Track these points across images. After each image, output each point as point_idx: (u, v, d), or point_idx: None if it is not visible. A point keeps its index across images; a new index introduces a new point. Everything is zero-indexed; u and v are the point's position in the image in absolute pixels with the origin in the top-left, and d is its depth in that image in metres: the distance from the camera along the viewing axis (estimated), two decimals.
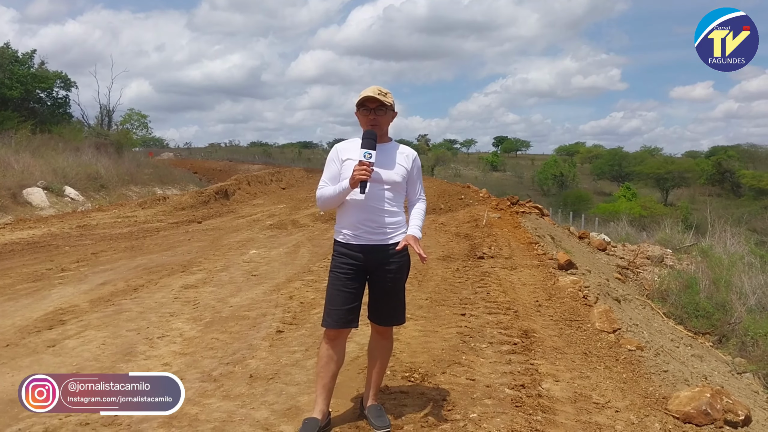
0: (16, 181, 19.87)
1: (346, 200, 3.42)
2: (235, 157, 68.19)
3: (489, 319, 5.57)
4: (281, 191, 25.80)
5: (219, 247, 10.56)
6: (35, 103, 35.71)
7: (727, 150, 71.14)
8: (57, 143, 28.53)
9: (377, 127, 3.40)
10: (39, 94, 35.67)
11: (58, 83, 36.51)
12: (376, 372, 3.60)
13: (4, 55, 33.14)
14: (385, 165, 3.40)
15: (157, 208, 17.96)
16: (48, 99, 36.77)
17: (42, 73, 35.20)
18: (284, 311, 5.98)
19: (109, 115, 41.04)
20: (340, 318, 3.43)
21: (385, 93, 3.42)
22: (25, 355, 4.81)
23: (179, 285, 7.31)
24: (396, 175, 3.42)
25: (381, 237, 3.43)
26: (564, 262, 8.38)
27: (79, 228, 14.26)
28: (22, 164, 21.89)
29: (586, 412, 3.76)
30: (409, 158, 3.51)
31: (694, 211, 42.48)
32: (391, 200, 3.43)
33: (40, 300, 6.74)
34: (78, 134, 34.21)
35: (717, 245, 17.07)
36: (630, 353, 5.08)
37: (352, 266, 3.44)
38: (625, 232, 25.00)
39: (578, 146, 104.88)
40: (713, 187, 64.15)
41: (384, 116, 3.43)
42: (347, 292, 3.44)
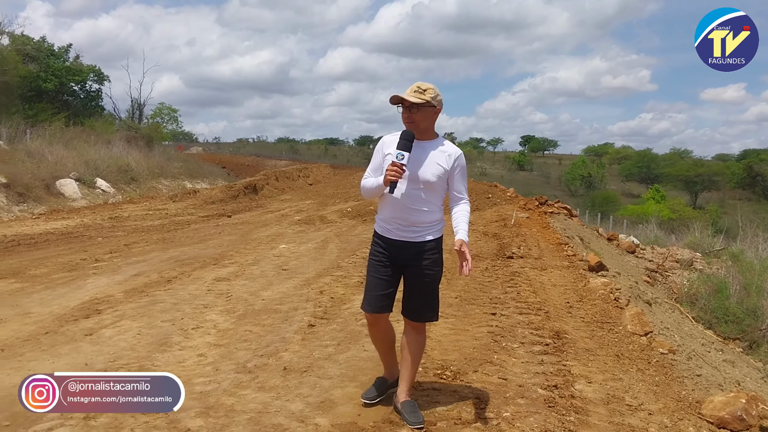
0: (50, 172, 20.23)
1: (383, 195, 3.48)
2: (262, 153, 68.70)
3: (520, 319, 5.57)
4: (308, 187, 25.93)
5: (249, 241, 10.67)
6: (69, 96, 36.39)
7: (759, 153, 69.87)
8: (89, 136, 29.01)
9: (413, 125, 3.42)
10: (73, 87, 36.36)
11: (92, 77, 37.19)
12: (409, 367, 3.62)
13: (41, 49, 33.76)
14: (421, 164, 3.42)
15: (187, 202, 18.17)
16: (81, 92, 37.47)
17: (76, 67, 35.86)
18: (315, 306, 6.04)
19: (140, 108, 41.70)
20: (375, 303, 3.58)
21: (423, 90, 3.40)
22: (63, 342, 4.92)
23: (212, 277, 7.41)
24: (431, 175, 3.41)
25: (412, 234, 3.48)
26: (595, 263, 8.33)
27: (111, 219, 14.50)
28: (56, 156, 22.28)
29: (619, 414, 3.76)
30: (451, 157, 3.47)
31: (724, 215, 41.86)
32: (426, 200, 3.44)
33: (76, 289, 6.89)
34: (109, 127, 34.74)
35: (748, 250, 16.80)
36: (662, 356, 5.04)
37: (386, 256, 3.56)
38: (653, 234, 24.74)
39: (607, 147, 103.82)
40: (743, 190, 63.05)
41: (418, 114, 3.40)
42: (381, 279, 3.58)
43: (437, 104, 3.45)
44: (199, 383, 4.04)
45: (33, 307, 6.08)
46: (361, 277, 7.47)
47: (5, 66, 29.10)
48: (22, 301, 6.31)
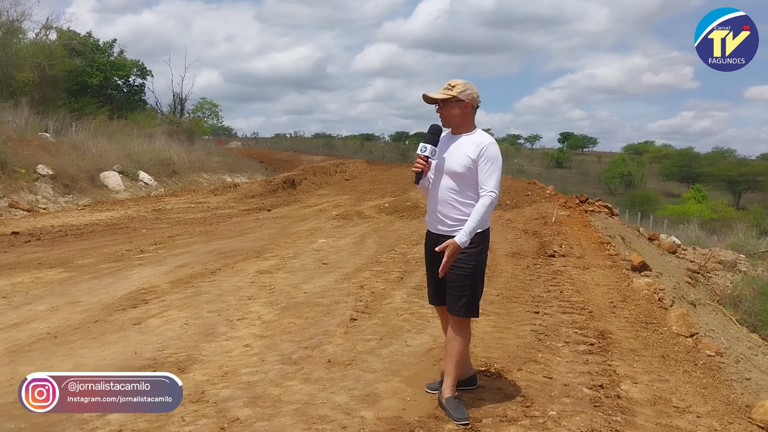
0: (94, 164, 20.70)
1: (426, 189, 3.66)
2: (299, 148, 69.09)
3: (563, 318, 5.52)
4: (345, 182, 26.03)
5: (288, 235, 10.78)
6: (113, 90, 37.09)
7: None
8: (132, 129, 29.59)
9: (445, 121, 3.56)
10: (117, 82, 37.03)
11: (135, 71, 37.85)
12: (451, 363, 3.61)
13: (86, 44, 34.48)
14: (450, 155, 3.52)
15: (228, 195, 18.42)
16: (125, 86, 38.16)
17: (120, 62, 36.53)
18: (356, 300, 6.08)
19: (182, 103, 42.34)
20: (432, 296, 3.81)
21: (452, 86, 3.50)
22: (112, 331, 5.05)
23: (254, 270, 7.51)
24: (458, 165, 3.47)
25: (446, 228, 3.54)
26: (638, 263, 8.21)
27: (154, 212, 14.78)
28: (100, 148, 22.77)
29: (666, 416, 3.71)
30: (479, 147, 3.46)
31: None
32: (456, 191, 3.49)
33: (123, 279, 7.05)
34: (152, 121, 35.35)
35: None
36: (709, 358, 4.96)
37: (430, 251, 3.66)
38: (695, 235, 24.27)
39: (647, 145, 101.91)
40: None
41: (445, 109, 3.51)
42: (430, 274, 3.73)
43: (465, 98, 3.49)
44: (245, 373, 4.11)
45: (82, 296, 6.25)
46: (400, 272, 7.50)
47: (53, 60, 29.78)
48: (71, 290, 6.49)
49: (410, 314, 5.58)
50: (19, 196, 15.69)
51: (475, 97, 3.54)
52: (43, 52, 29.75)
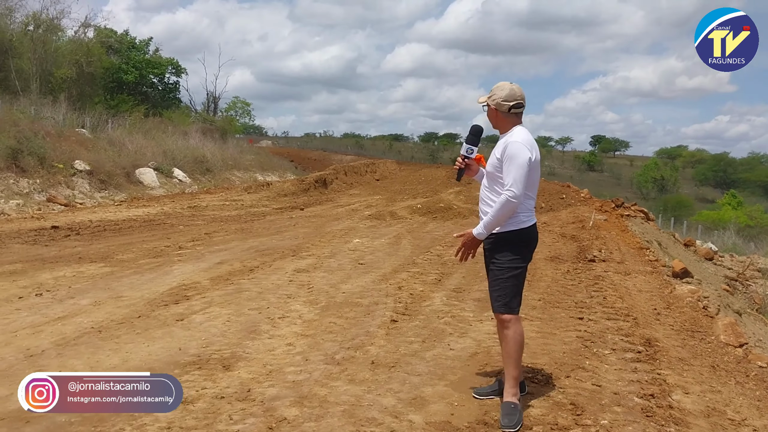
0: (130, 161, 21.00)
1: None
2: (328, 147, 69.42)
3: (609, 324, 5.42)
4: (375, 183, 26.03)
5: (323, 234, 10.79)
6: (148, 88, 37.62)
7: None
8: (167, 127, 29.96)
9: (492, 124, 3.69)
10: (152, 79, 37.55)
11: (170, 69, 38.35)
12: (505, 364, 3.61)
13: (123, 42, 35.03)
14: (490, 156, 3.66)
15: (261, 194, 18.53)
16: (160, 84, 38.68)
17: (156, 59, 37.06)
18: (395, 301, 6.05)
19: (215, 101, 42.81)
20: None
21: (490, 95, 3.64)
22: (156, 327, 5.09)
23: (292, 268, 7.53)
24: (489, 165, 3.66)
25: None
26: (679, 270, 8.06)
27: (190, 209, 14.93)
28: (136, 145, 23.10)
29: (721, 428, 3.61)
30: (504, 144, 3.52)
31: None
32: (490, 190, 3.64)
33: (164, 275, 7.11)
34: (186, 119, 35.81)
35: None
36: (761, 370, 4.83)
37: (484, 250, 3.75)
38: (731, 241, 23.83)
39: (680, 149, 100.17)
40: None
41: (487, 114, 3.67)
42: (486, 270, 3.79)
43: (491, 103, 3.62)
44: (290, 372, 4.10)
45: (124, 290, 6.31)
46: (437, 274, 7.45)
47: (90, 58, 30.32)
48: (113, 285, 6.56)
49: (451, 317, 5.53)
50: (56, 191, 15.97)
51: (500, 102, 3.57)
52: (81, 50, 30.32)
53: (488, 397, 3.75)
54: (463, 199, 17.16)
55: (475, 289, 6.65)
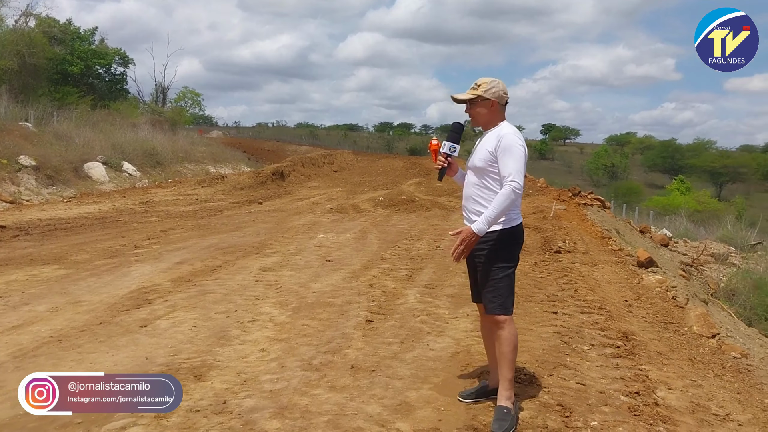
0: (78, 155, 20.30)
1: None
2: (282, 138, 68.57)
3: (584, 318, 5.39)
4: (334, 174, 25.81)
5: (286, 229, 10.56)
6: (94, 79, 36.41)
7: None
8: (115, 119, 29.07)
9: (474, 120, 3.57)
10: (98, 70, 36.36)
11: (117, 60, 37.19)
12: (500, 366, 3.51)
13: (67, 32, 33.78)
14: (475, 151, 3.54)
15: (216, 187, 18.13)
16: (106, 75, 37.49)
17: (102, 50, 35.87)
18: (369, 300, 5.91)
19: (164, 92, 41.73)
20: (473, 294, 3.74)
21: (478, 85, 3.52)
22: (119, 334, 4.84)
23: (257, 267, 7.31)
24: (479, 160, 3.48)
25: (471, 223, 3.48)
26: (644, 259, 8.12)
27: (142, 204, 14.49)
28: (83, 139, 22.33)
29: (707, 425, 3.59)
30: (497, 139, 3.41)
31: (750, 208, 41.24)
32: (482, 186, 3.48)
33: (122, 277, 6.82)
34: (134, 111, 34.81)
35: None
36: (736, 361, 4.87)
37: None
38: (683, 227, 24.36)
39: (629, 136, 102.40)
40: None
41: (472, 109, 3.52)
42: (469, 270, 3.71)
43: (491, 96, 3.48)
44: (267, 381, 3.93)
45: (82, 295, 6.02)
46: (408, 270, 7.34)
47: (32, 48, 29.12)
48: (70, 289, 6.25)
49: (427, 315, 5.42)
50: (1, 188, 15.30)
51: (502, 95, 3.50)
52: (22, 40, 29.08)
53: (474, 400, 3.65)
54: (424, 191, 17.11)
55: (447, 285, 6.56)
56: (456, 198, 16.15)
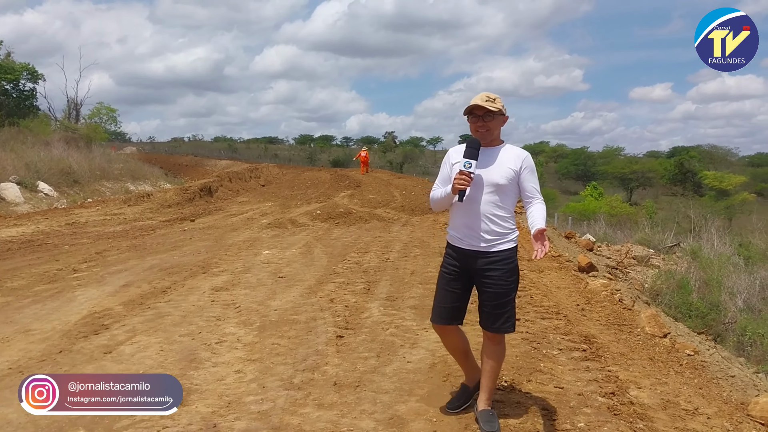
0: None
1: (454, 204, 3.49)
2: (199, 152, 67.09)
3: (545, 324, 5.58)
4: (262, 188, 25.50)
5: (227, 247, 10.38)
6: (1, 96, 34.64)
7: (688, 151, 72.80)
8: (26, 137, 27.78)
9: (487, 134, 3.47)
10: (5, 86, 34.62)
11: (25, 75, 35.50)
12: (488, 377, 3.61)
13: None
14: (490, 168, 3.45)
15: (143, 206, 17.57)
16: (14, 91, 35.71)
17: (8, 64, 34.19)
18: (333, 315, 5.90)
19: (77, 108, 40.10)
20: (445, 315, 3.64)
21: (493, 99, 3.46)
22: (84, 362, 4.66)
23: (208, 287, 7.16)
24: (500, 177, 3.43)
25: (484, 244, 3.47)
26: (585, 264, 8.47)
27: (68, 226, 13.89)
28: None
29: (680, 419, 3.81)
30: (519, 158, 3.49)
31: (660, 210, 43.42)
32: (497, 204, 3.44)
33: (68, 303, 6.54)
34: (46, 128, 33.34)
35: (705, 245, 17.47)
36: (690, 358, 5.16)
37: (456, 267, 3.57)
38: (602, 231, 25.41)
39: (543, 145, 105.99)
40: (675, 186, 65.52)
41: (492, 122, 3.47)
42: (451, 291, 3.61)
43: (505, 112, 3.53)
44: (251, 402, 3.88)
45: (30, 323, 5.74)
46: (364, 283, 7.36)
47: None
48: (15, 317, 5.95)
49: (395, 328, 5.47)
50: None
51: (504, 111, 3.56)
52: None
53: (464, 408, 3.72)
54: (359, 203, 17.17)
55: (408, 297, 6.63)
56: (393, 209, 16.27)
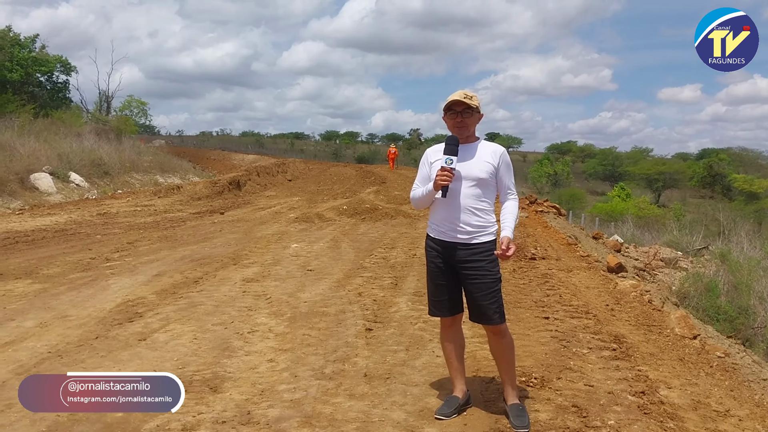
0: (24, 165, 19.66)
1: (435, 200, 3.59)
2: (227, 146, 67.74)
3: (574, 323, 5.58)
4: (288, 183, 25.67)
5: (256, 239, 10.50)
6: (35, 87, 35.24)
7: (718, 153, 71.78)
8: (58, 128, 28.22)
9: (465, 129, 3.58)
10: (39, 78, 35.21)
11: (59, 67, 36.08)
12: (505, 370, 3.66)
13: (6, 38, 32.65)
14: (469, 163, 3.54)
15: (173, 198, 17.83)
16: (48, 83, 36.34)
17: (42, 57, 34.75)
18: (362, 309, 5.96)
19: (108, 101, 40.67)
20: (440, 307, 3.71)
21: (471, 96, 3.56)
22: (120, 348, 4.77)
23: (239, 278, 7.27)
24: (480, 171, 3.52)
25: (464, 236, 3.53)
26: (614, 265, 8.43)
27: (100, 216, 14.16)
28: (28, 149, 21.63)
29: (711, 420, 3.79)
30: (497, 153, 3.59)
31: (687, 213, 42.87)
32: (478, 197, 3.52)
33: (102, 291, 6.69)
34: (78, 119, 33.83)
35: (734, 249, 17.23)
36: (721, 360, 5.12)
37: (440, 260, 3.63)
38: (630, 233, 25.19)
39: (570, 144, 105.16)
40: (704, 189, 64.65)
41: (470, 118, 3.56)
42: (438, 284, 3.69)
43: (481, 110, 3.63)
44: (284, 390, 3.95)
45: (67, 309, 5.88)
46: (391, 278, 7.41)
47: None
48: (52, 304, 6.10)
49: (423, 322, 5.51)
50: None
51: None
52: None
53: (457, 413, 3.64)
54: (385, 199, 17.22)
55: None
56: None
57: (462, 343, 3.86)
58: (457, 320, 3.78)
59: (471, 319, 3.67)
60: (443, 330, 3.83)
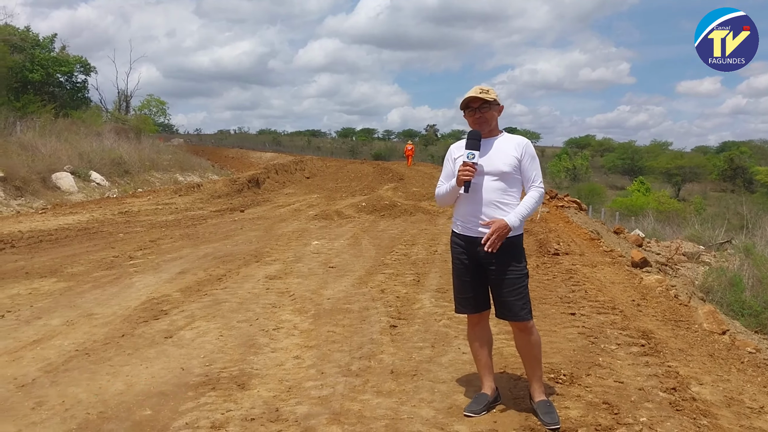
0: (45, 165, 19.87)
1: (460, 195, 3.56)
2: (245, 145, 68.06)
3: (601, 319, 5.52)
4: (307, 180, 25.72)
5: (277, 237, 10.53)
6: (55, 87, 35.58)
7: (739, 146, 70.97)
8: (78, 128, 28.47)
9: (485, 124, 3.55)
10: (59, 78, 35.54)
11: (78, 67, 36.38)
12: (531, 367, 3.63)
13: (26, 39, 33.00)
14: (492, 157, 3.52)
15: (193, 196, 17.92)
16: (68, 83, 36.67)
17: (62, 57, 35.07)
18: (385, 305, 5.95)
19: (127, 100, 41.00)
20: (466, 304, 3.71)
21: (487, 90, 3.54)
22: (146, 346, 4.79)
23: (262, 275, 7.29)
24: (503, 165, 3.49)
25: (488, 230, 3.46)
26: (639, 260, 8.34)
27: (122, 214, 14.26)
28: (49, 148, 21.86)
29: (745, 417, 3.73)
30: (520, 146, 3.55)
31: (708, 207, 42.41)
32: (502, 191, 3.49)
33: (127, 288, 6.73)
34: (98, 119, 34.13)
35: (758, 243, 17.00)
36: (752, 356, 5.04)
37: (465, 256, 3.62)
38: (651, 227, 24.97)
39: (589, 139, 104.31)
40: (725, 183, 63.90)
41: (489, 112, 3.53)
42: (464, 281, 3.67)
43: (500, 102, 3.60)
44: (312, 387, 3.94)
45: (92, 307, 5.92)
46: (413, 275, 7.39)
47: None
48: (77, 302, 6.15)
49: (448, 319, 5.48)
50: None
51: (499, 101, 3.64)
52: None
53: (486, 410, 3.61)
54: (403, 196, 17.20)
55: None
56: None
57: (490, 340, 3.84)
58: (484, 317, 3.75)
59: (497, 315, 3.65)
60: (470, 327, 3.81)
